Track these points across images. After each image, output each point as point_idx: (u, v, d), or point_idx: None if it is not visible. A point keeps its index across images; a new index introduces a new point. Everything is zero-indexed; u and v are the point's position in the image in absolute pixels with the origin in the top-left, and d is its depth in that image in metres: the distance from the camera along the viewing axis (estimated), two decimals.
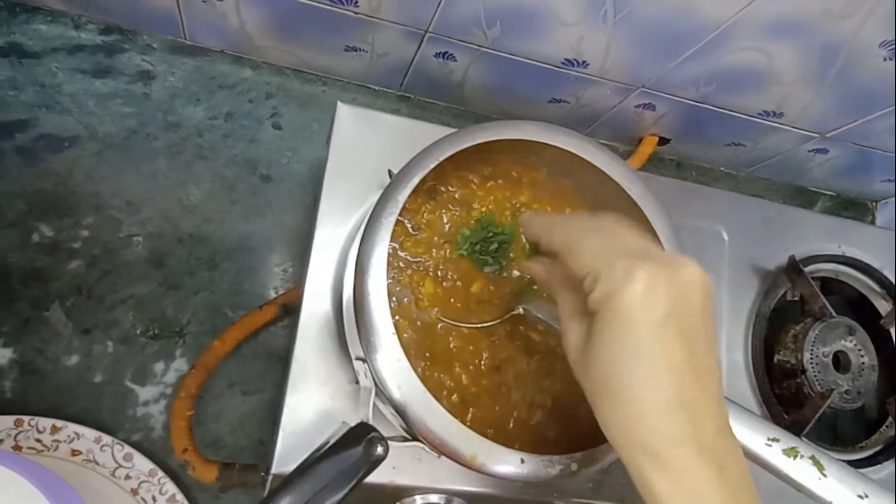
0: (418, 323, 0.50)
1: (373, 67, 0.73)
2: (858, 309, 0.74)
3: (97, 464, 0.61)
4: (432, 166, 0.43)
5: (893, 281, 0.72)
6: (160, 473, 0.61)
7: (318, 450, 0.39)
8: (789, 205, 0.87)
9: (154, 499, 0.61)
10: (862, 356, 0.68)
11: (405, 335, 0.48)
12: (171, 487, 0.61)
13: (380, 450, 0.38)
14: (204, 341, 0.66)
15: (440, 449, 0.40)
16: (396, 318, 0.48)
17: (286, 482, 0.37)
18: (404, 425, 0.43)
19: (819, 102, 0.69)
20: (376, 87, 0.78)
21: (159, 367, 0.66)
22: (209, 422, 0.66)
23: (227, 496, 0.64)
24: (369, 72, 0.74)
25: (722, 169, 0.90)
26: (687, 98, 0.71)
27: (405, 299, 0.50)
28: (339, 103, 0.59)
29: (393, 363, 0.40)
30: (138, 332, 0.66)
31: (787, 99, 0.69)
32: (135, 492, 0.61)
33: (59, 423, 0.60)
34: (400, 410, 0.40)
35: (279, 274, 0.71)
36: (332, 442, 0.39)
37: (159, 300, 0.67)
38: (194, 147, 0.71)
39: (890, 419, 0.70)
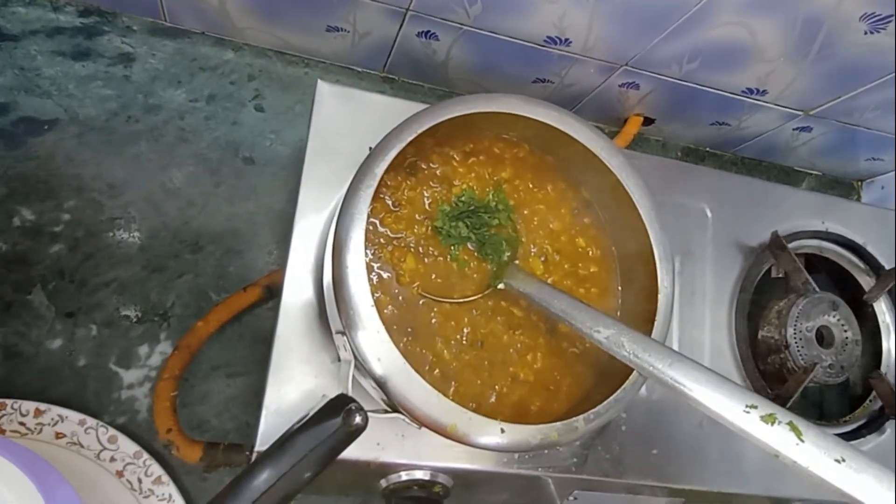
0: (400, 299, 0.50)
1: (355, 48, 0.73)
2: (842, 285, 0.74)
3: (82, 446, 0.60)
4: (410, 139, 0.43)
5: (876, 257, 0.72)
6: (145, 455, 0.61)
7: (296, 423, 0.39)
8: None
9: (140, 480, 0.61)
10: (845, 331, 0.68)
11: (386, 311, 0.48)
12: (156, 469, 0.61)
13: (358, 419, 0.38)
14: (188, 324, 0.66)
15: (421, 420, 0.40)
16: (378, 294, 0.48)
17: (265, 455, 0.37)
18: (385, 397, 0.43)
19: (802, 79, 0.69)
20: (359, 69, 0.77)
21: (143, 350, 0.66)
22: (195, 404, 0.66)
23: (212, 477, 0.64)
24: (352, 52, 0.74)
25: (707, 149, 0.90)
26: (670, 76, 0.71)
27: (386, 275, 0.50)
28: (319, 81, 0.58)
29: (372, 335, 0.40)
30: (122, 315, 0.65)
31: (770, 76, 0.69)
32: (120, 474, 0.61)
33: (42, 406, 0.60)
34: (380, 382, 0.40)
35: (264, 257, 0.70)
36: (310, 414, 0.39)
37: (143, 283, 0.67)
38: (176, 130, 0.70)
39: (874, 393, 0.70)
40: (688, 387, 0.37)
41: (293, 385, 0.53)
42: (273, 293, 0.66)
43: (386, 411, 0.44)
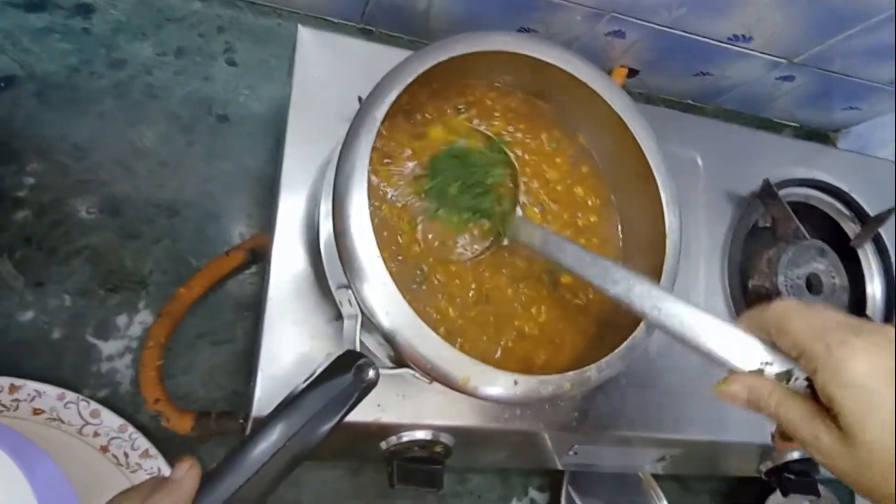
0: (399, 258, 0.48)
1: None
2: (826, 232, 0.75)
3: (62, 422, 0.57)
4: (409, 80, 0.41)
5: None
6: (131, 428, 0.58)
7: (304, 382, 0.37)
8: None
9: (126, 455, 0.58)
10: (833, 278, 0.69)
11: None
12: (143, 442, 0.58)
13: (371, 374, 0.36)
14: (168, 291, 0.63)
15: (432, 374, 0.39)
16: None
17: (273, 414, 0.35)
18: (392, 353, 0.42)
19: (789, 24, 0.69)
20: (336, 20, 0.74)
21: (122, 320, 0.62)
22: (179, 374, 0.63)
23: (202, 449, 0.62)
24: (328, 1, 0.70)
25: (689, 101, 0.89)
26: (658, 23, 0.70)
27: (385, 233, 0.48)
28: (300, 27, 0.55)
29: (379, 287, 0.38)
30: (97, 284, 0.62)
31: (758, 22, 0.68)
32: (105, 449, 0.58)
33: (17, 381, 0.56)
34: (388, 336, 0.39)
35: (243, 219, 0.67)
36: (318, 372, 0.37)
37: (117, 250, 0.63)
38: (143, 86, 0.66)
39: None
40: (704, 342, 0.36)
41: (288, 348, 0.51)
42: (257, 256, 0.64)
43: (391, 368, 0.42)
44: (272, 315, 0.51)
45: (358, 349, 0.39)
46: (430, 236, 0.50)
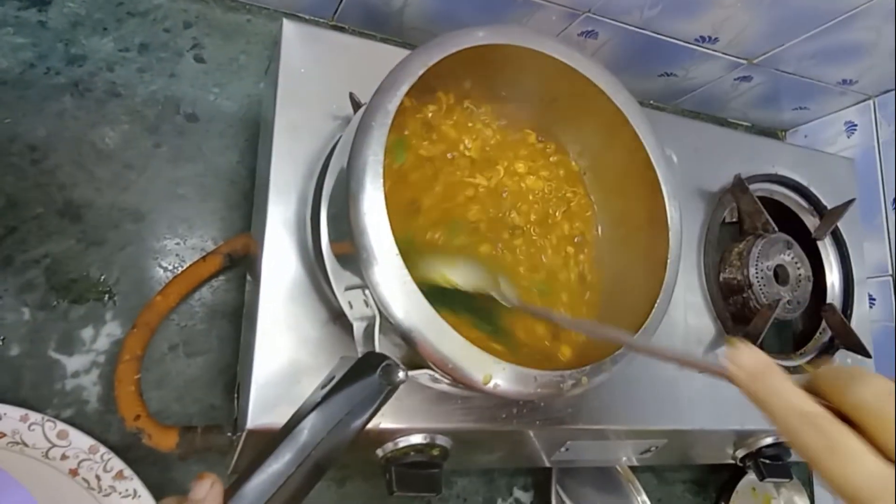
0: None
1: None
2: (787, 225, 0.78)
3: (26, 445, 0.53)
4: (420, 73, 0.39)
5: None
6: (103, 449, 0.54)
7: (323, 386, 0.35)
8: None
9: (98, 478, 0.54)
10: (798, 268, 0.71)
11: None
12: (117, 463, 0.54)
13: (401, 375, 0.35)
14: (137, 301, 0.59)
15: (453, 373, 0.38)
16: None
17: (294, 423, 0.33)
18: (404, 354, 0.40)
19: (753, 25, 0.71)
20: (307, 17, 0.71)
21: (87, 333, 0.58)
22: (151, 389, 0.59)
23: (181, 467, 0.58)
24: None
25: (652, 102, 0.91)
26: (630, 24, 0.71)
27: None
28: (285, 21, 0.53)
29: (399, 287, 0.37)
30: (58, 295, 0.57)
31: (724, 22, 0.71)
32: (74, 472, 0.54)
33: None
34: (407, 336, 0.37)
35: (216, 222, 0.64)
36: (338, 376, 0.35)
37: (80, 258, 0.59)
38: (105, 83, 0.62)
39: (822, 326, 0.75)
40: None
41: (281, 355, 0.49)
42: (235, 261, 0.61)
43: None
44: (265, 321, 0.49)
45: (378, 350, 0.37)
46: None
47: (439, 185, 0.49)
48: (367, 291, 0.38)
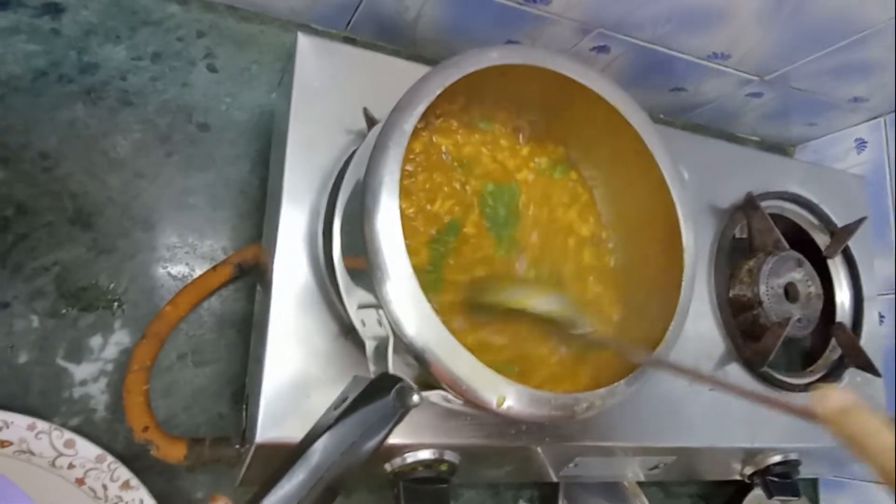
0: None
1: (316, 3, 0.67)
2: (797, 242, 0.77)
3: (33, 454, 0.53)
4: (438, 91, 0.39)
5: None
6: (110, 458, 0.54)
7: (335, 407, 0.35)
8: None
9: (105, 487, 0.54)
10: (809, 286, 0.71)
11: None
12: (124, 472, 0.54)
13: (415, 398, 0.35)
14: (146, 309, 0.59)
15: (466, 395, 0.37)
16: None
17: (308, 443, 0.33)
18: (416, 375, 0.40)
19: (767, 42, 0.71)
20: (319, 27, 0.71)
21: (96, 341, 0.58)
22: (159, 398, 0.59)
23: (188, 479, 0.58)
24: (313, 7, 0.68)
25: (661, 116, 0.91)
26: (642, 39, 0.71)
27: None
28: (299, 35, 0.53)
29: (412, 307, 0.37)
30: (67, 303, 0.57)
31: (737, 39, 0.70)
32: (81, 481, 0.54)
33: None
34: (420, 357, 0.37)
35: (227, 232, 0.64)
36: (351, 397, 0.35)
37: (89, 266, 0.59)
38: (118, 92, 0.62)
39: (832, 344, 0.74)
40: None
41: (291, 368, 0.49)
42: (245, 271, 0.61)
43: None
44: (275, 333, 0.48)
45: (392, 371, 0.37)
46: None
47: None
48: (380, 311, 0.38)
